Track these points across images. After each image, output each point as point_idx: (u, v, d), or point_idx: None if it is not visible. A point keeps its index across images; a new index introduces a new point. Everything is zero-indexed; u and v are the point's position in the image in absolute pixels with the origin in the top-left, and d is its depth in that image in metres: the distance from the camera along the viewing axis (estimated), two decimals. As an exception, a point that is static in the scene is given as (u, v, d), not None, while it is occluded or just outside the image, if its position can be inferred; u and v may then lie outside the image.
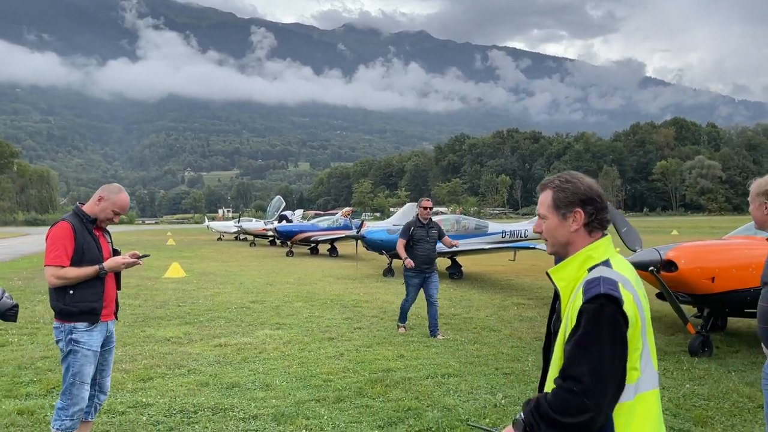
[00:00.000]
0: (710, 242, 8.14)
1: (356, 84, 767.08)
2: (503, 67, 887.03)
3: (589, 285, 1.91)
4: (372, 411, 5.23)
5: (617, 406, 1.88)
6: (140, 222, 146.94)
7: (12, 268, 19.51)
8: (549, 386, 1.96)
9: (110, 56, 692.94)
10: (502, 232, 17.40)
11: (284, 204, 34.61)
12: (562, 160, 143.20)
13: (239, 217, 43.75)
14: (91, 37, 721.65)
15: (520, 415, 1.96)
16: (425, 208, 8.74)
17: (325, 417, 5.07)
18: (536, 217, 2.31)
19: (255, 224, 35.41)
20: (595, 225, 2.09)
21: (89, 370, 3.88)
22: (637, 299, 1.93)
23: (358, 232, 17.10)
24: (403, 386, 5.93)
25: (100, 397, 4.14)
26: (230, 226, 41.48)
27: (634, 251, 7.22)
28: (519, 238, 17.50)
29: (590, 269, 1.98)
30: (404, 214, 27.56)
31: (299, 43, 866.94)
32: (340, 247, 25.22)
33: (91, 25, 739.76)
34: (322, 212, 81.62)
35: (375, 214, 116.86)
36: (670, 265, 6.83)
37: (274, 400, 5.49)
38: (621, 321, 1.86)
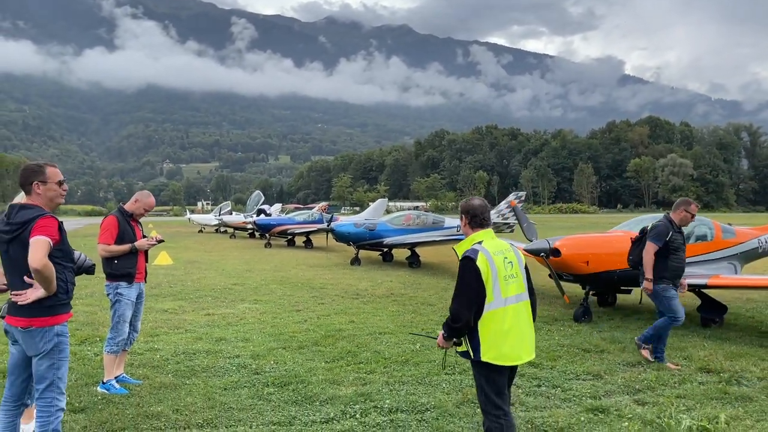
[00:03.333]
0: (589, 235, 10.28)
1: (337, 77, 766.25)
2: (484, 62, 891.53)
3: (465, 252, 3.92)
4: (323, 354, 7.27)
5: (482, 316, 3.77)
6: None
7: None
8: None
9: (87, 45, 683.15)
10: (457, 227, 19.45)
11: (263, 198, 36.45)
12: (539, 156, 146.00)
13: (221, 209, 44.23)
14: (68, 26, 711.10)
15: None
16: (692, 215, 7.40)
17: (288, 357, 7.11)
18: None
19: (235, 217, 37.08)
20: (474, 224, 4.04)
21: (128, 314, 5.87)
22: (490, 260, 3.78)
23: (328, 226, 19.07)
24: (348, 339, 7.98)
25: (134, 334, 6.12)
26: (211, 218, 43.03)
27: (531, 241, 9.33)
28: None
29: (475, 244, 3.94)
30: (375, 209, 29.70)
31: (280, 35, 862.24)
32: (315, 240, 27.13)
33: (68, 13, 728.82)
34: (302, 206, 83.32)
35: (354, 208, 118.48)
36: (556, 252, 8.94)
37: (251, 347, 7.52)
38: (475, 272, 3.73)
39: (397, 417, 5.17)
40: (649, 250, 7.04)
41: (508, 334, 3.79)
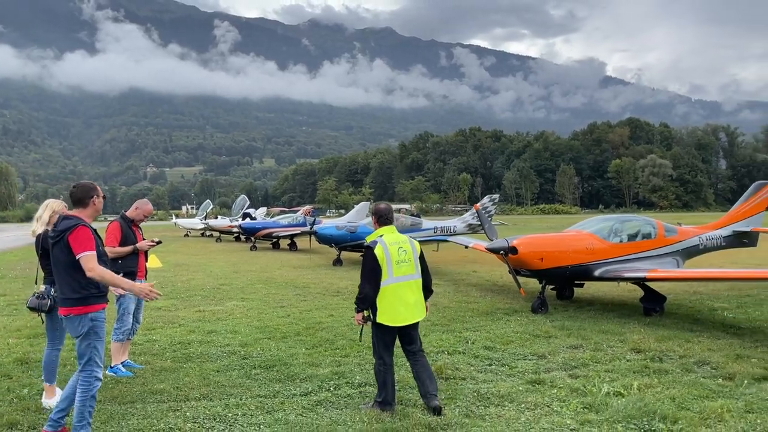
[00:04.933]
0: (544, 234, 11.29)
1: (321, 80, 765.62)
2: (468, 64, 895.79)
3: (367, 244, 5.19)
4: (304, 342, 8.20)
5: (380, 291, 5.18)
6: (102, 219, 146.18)
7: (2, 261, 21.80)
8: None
9: (68, 49, 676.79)
10: (434, 228, 20.49)
11: (248, 203, 37.23)
12: (521, 158, 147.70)
13: (204, 209, 44.15)
14: (48, 29, 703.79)
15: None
16: None
17: (273, 345, 8.03)
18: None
19: (221, 221, 37.78)
20: (381, 223, 5.52)
21: (132, 307, 6.76)
22: (385, 248, 5.34)
23: (311, 228, 19.98)
24: (328, 330, 8.90)
25: (136, 325, 7.01)
26: (197, 222, 43.61)
27: (492, 241, 10.32)
28: (449, 232, 20.58)
29: (376, 238, 5.19)
30: (358, 212, 30.61)
31: (263, 37, 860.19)
32: (300, 242, 27.98)
33: (48, 17, 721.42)
34: (287, 209, 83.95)
35: (339, 211, 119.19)
36: (514, 250, 9.93)
37: (240, 337, 8.44)
38: (373, 258, 5.19)
39: (365, 389, 6.12)
40: None
41: (395, 303, 5.36)
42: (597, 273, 10.24)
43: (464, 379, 6.53)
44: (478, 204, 16.28)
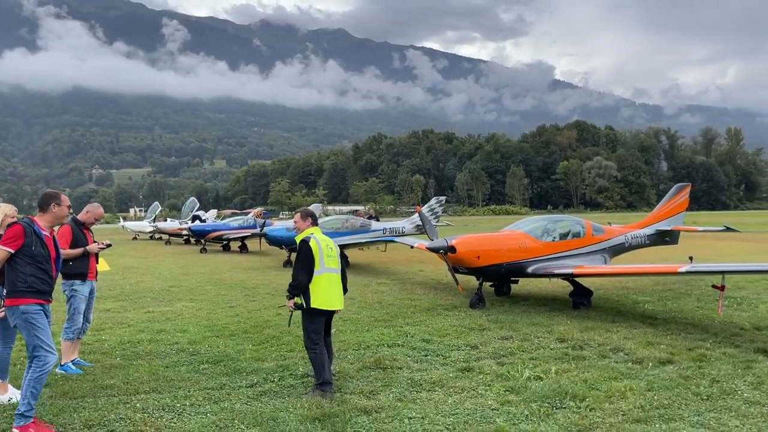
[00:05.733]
0: (481, 234, 11.94)
1: (273, 80, 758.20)
2: (420, 66, 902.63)
3: (302, 239, 5.80)
4: (251, 339, 8.56)
5: (313, 279, 5.97)
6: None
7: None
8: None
9: (7, 46, 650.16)
10: (383, 229, 21.02)
11: (198, 205, 36.99)
12: (473, 160, 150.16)
13: (152, 211, 43.34)
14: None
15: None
16: None
17: (221, 342, 8.37)
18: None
19: (170, 224, 37.39)
20: (312, 223, 6.01)
21: (82, 307, 6.99)
22: (318, 243, 6.16)
23: (261, 230, 20.20)
24: (274, 328, 9.27)
25: (86, 325, 7.23)
26: (145, 225, 42.95)
27: (432, 240, 10.89)
28: (398, 233, 21.14)
29: (310, 234, 5.82)
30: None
31: (213, 37, 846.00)
32: (250, 244, 28.07)
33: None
34: (239, 211, 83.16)
35: (293, 212, 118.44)
36: (452, 249, 10.52)
37: (188, 336, 8.74)
38: (308, 249, 6.04)
39: (308, 380, 6.55)
40: None
41: (327, 290, 6.16)
42: (530, 270, 10.94)
43: (401, 368, 7.03)
44: (419, 206, 16.87)
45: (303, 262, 6.09)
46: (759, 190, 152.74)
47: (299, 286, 6.10)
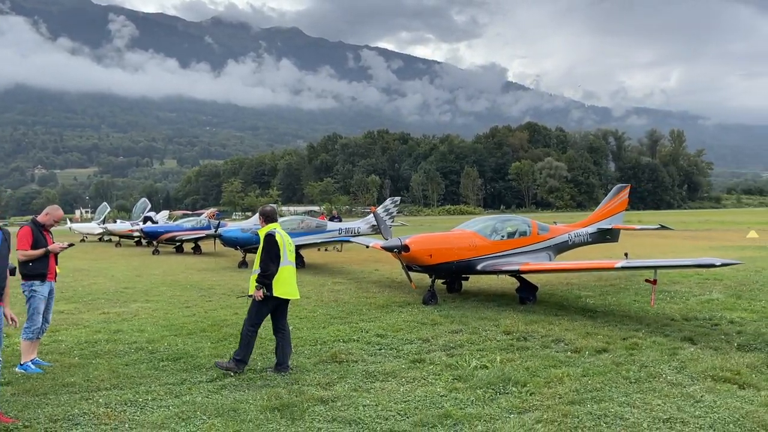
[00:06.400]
0: (433, 233, 12.41)
1: (226, 79, 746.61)
2: (375, 67, 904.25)
3: (267, 232, 6.29)
4: (209, 338, 8.76)
5: (278, 270, 6.51)
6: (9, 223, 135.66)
7: None
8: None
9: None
10: (339, 230, 21.30)
11: (149, 206, 36.46)
12: (428, 160, 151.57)
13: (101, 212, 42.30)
14: None
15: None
16: None
17: (179, 341, 8.55)
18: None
19: (120, 225, 36.70)
20: (267, 222, 7.11)
21: (41, 307, 7.09)
22: (282, 238, 6.81)
23: (215, 231, 20.20)
24: (232, 327, 9.48)
25: (45, 325, 7.32)
26: (94, 227, 41.95)
27: (386, 240, 11.28)
28: (353, 234, 21.44)
29: (273, 229, 6.31)
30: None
31: (163, 34, 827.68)
32: (204, 246, 27.88)
33: None
34: (190, 212, 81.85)
35: (246, 213, 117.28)
36: (406, 248, 10.92)
37: (146, 335, 8.88)
38: (275, 241, 6.70)
39: (266, 374, 6.83)
40: None
41: (287, 281, 6.89)
42: (479, 267, 11.45)
43: (356, 361, 7.38)
44: (374, 206, 17.26)
45: (271, 253, 6.70)
46: (700, 190, 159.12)
47: (271, 275, 6.69)
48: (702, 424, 5.24)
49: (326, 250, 22.28)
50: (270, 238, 6.75)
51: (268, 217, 7.14)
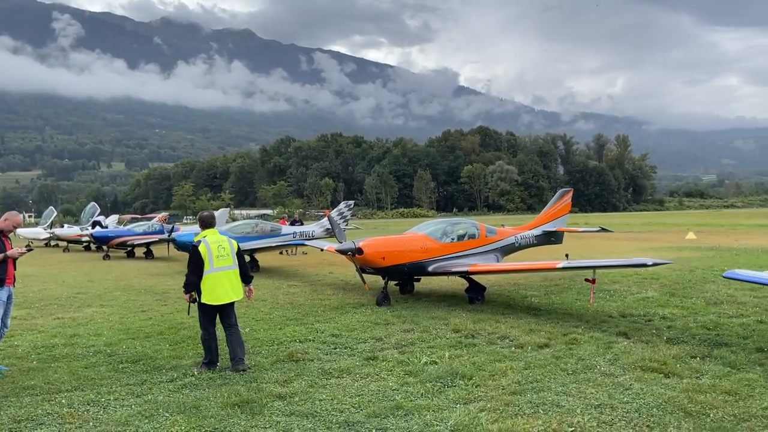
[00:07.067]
0: (386, 237, 12.86)
1: (175, 80, 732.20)
2: (328, 70, 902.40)
3: (192, 244, 6.82)
4: (167, 340, 8.93)
5: (204, 278, 7.12)
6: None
7: None
8: None
9: None
10: (293, 233, 21.51)
11: (98, 210, 35.76)
12: (381, 164, 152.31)
13: (52, 223, 41.60)
14: None
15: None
16: None
17: (138, 343, 8.69)
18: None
19: (69, 230, 35.87)
20: (203, 227, 7.64)
21: (0, 312, 7.15)
22: (207, 246, 7.26)
23: (169, 236, 20.12)
24: (189, 329, 9.65)
25: (4, 329, 7.39)
26: (40, 232, 40.80)
27: (341, 243, 11.63)
28: (308, 237, 21.68)
29: (201, 238, 6.81)
30: (217, 219, 30.68)
31: (110, 34, 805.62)
32: (156, 250, 27.59)
33: None
34: (139, 216, 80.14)
35: (197, 217, 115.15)
36: (360, 251, 11.29)
37: (104, 339, 8.99)
38: (197, 253, 7.21)
39: (225, 373, 7.08)
40: None
41: (214, 288, 7.16)
42: (430, 269, 11.92)
43: (312, 360, 7.71)
44: (328, 210, 17.58)
45: (192, 264, 7.19)
46: (644, 193, 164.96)
47: (189, 285, 7.24)
48: (629, 409, 5.78)
49: (288, 253, 22.54)
50: (193, 250, 7.21)
51: (204, 223, 7.59)
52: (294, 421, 5.56)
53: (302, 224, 25.55)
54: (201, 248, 7.17)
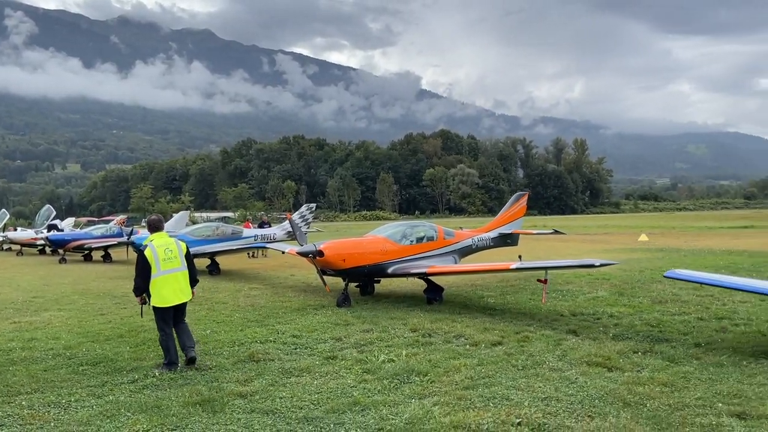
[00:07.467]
0: (346, 239, 13.10)
1: (133, 80, 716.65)
2: (291, 72, 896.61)
3: (140, 247, 7.16)
4: (128, 342, 8.98)
5: (151, 281, 7.38)
6: None
7: None
8: None
9: None
10: (255, 236, 21.55)
11: (54, 213, 35.00)
12: (344, 166, 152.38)
13: (5, 226, 40.69)
14: None
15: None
16: None
17: (98, 346, 8.72)
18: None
19: (22, 233, 34.98)
20: (151, 231, 7.84)
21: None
22: (153, 250, 7.49)
23: (128, 239, 19.92)
24: (150, 332, 9.66)
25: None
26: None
27: (302, 245, 11.81)
28: (269, 240, 21.75)
29: (147, 243, 6.99)
30: (177, 221, 30.44)
31: (65, 32, 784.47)
32: (115, 254, 27.17)
33: None
34: (96, 219, 78.41)
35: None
36: (320, 253, 11.50)
37: (63, 342, 8.98)
38: (144, 258, 7.44)
39: (187, 374, 7.21)
40: None
41: (162, 290, 7.37)
42: (390, 270, 12.20)
43: (272, 360, 7.88)
44: (289, 213, 17.70)
45: (139, 269, 7.46)
46: (601, 196, 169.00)
47: (138, 289, 7.54)
48: (573, 401, 6.15)
49: (250, 256, 22.61)
50: (140, 255, 7.49)
51: (152, 227, 7.80)
52: (255, 418, 5.74)
53: (270, 226, 25.54)
54: (147, 253, 7.40)
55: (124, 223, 34.19)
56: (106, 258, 26.72)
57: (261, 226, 25.38)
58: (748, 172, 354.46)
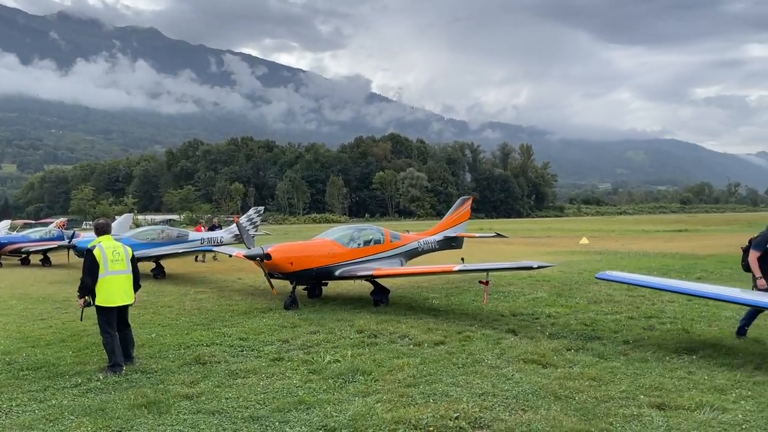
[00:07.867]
0: (294, 242, 13.23)
1: (74, 78, 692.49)
2: (239, 72, 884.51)
3: (88, 248, 7.27)
4: (70, 347, 8.88)
5: (98, 281, 7.52)
6: None
7: None
8: None
9: None
10: (201, 239, 21.33)
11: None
12: (294, 169, 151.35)
13: None
14: None
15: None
16: None
17: (38, 351, 8.60)
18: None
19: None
20: (98, 234, 7.97)
21: None
22: (102, 251, 7.64)
23: (70, 242, 19.42)
24: (93, 336, 9.57)
25: None
26: None
27: (249, 249, 11.88)
28: (216, 243, 21.55)
29: (96, 243, 7.27)
30: (120, 224, 29.76)
31: (0, 27, 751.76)
32: (54, 257, 26.34)
33: None
34: (33, 221, 75.53)
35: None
36: (268, 256, 11.59)
37: (1, 347, 8.79)
38: (93, 257, 7.56)
39: (132, 377, 7.23)
40: (752, 256, 8.62)
41: (110, 290, 7.50)
42: (337, 273, 12.39)
43: (219, 362, 7.96)
44: (236, 216, 17.66)
45: (87, 267, 7.50)
46: (546, 200, 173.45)
47: (84, 288, 7.54)
48: (508, 396, 6.49)
49: (197, 259, 22.44)
50: (88, 254, 7.56)
51: (99, 231, 7.92)
52: (201, 419, 5.85)
53: (221, 228, 25.27)
54: (96, 252, 7.50)
55: (64, 225, 33.17)
56: (45, 262, 25.88)
57: (212, 228, 25.12)
58: (683, 178, 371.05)
